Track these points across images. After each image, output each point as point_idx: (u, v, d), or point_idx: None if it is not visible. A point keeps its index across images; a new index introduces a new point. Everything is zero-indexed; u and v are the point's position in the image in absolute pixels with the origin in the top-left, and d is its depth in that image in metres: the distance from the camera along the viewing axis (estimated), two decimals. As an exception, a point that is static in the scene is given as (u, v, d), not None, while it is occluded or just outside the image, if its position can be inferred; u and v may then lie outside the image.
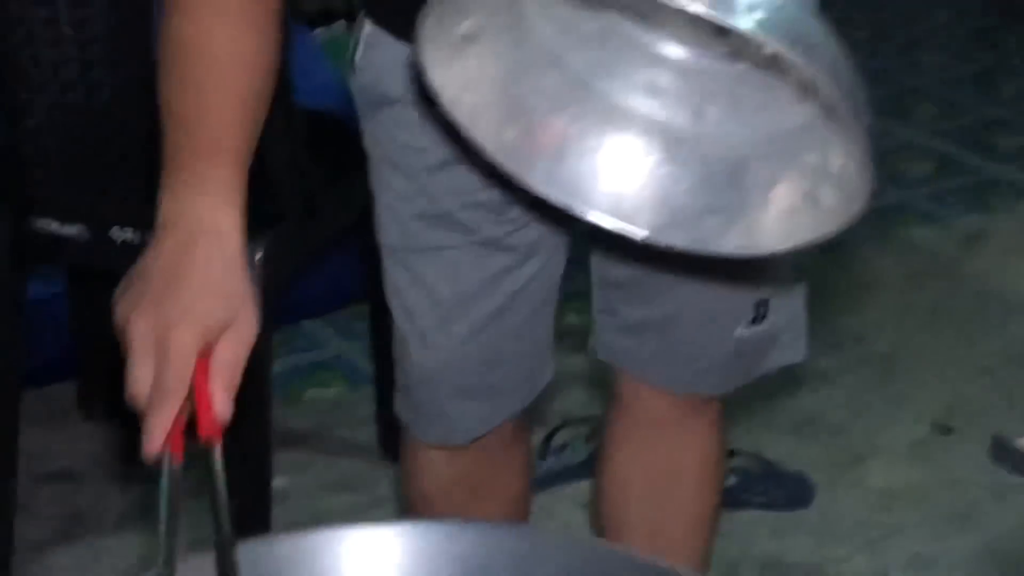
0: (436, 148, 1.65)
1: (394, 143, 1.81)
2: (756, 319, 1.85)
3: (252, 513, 2.37)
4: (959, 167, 3.87)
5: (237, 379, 1.26)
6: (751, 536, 2.64)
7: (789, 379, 2.64)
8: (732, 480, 2.69)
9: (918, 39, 4.65)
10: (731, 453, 2.63)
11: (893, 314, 3.24)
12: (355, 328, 2.98)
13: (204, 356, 1.23)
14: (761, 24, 1.12)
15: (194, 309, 1.26)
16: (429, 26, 1.26)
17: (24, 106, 2.40)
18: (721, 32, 1.31)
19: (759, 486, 2.78)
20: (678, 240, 1.40)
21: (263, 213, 2.08)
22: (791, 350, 1.92)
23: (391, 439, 2.27)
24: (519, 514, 2.05)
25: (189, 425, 1.20)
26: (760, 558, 2.59)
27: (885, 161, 3.56)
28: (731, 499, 2.55)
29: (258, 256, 2.24)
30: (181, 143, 1.40)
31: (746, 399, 2.43)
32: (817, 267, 2.21)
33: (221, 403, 1.21)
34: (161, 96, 1.44)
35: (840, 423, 2.87)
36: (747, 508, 2.75)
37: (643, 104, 1.42)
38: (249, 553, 1.19)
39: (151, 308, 1.24)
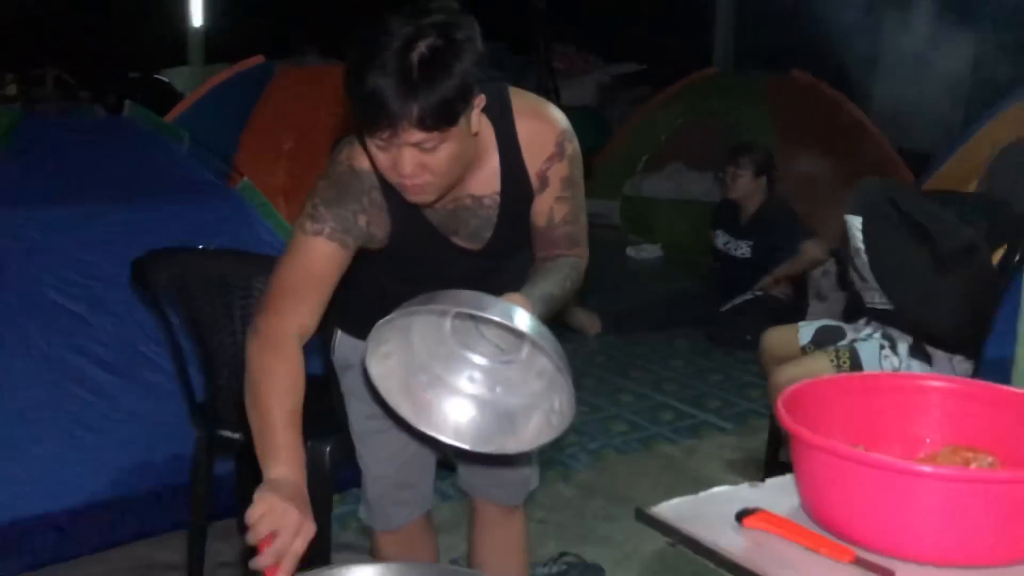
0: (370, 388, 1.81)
1: (353, 385, 2.12)
2: (528, 463, 2.25)
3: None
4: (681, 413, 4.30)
5: (297, 559, 1.49)
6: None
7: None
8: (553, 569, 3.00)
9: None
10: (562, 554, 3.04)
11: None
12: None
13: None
14: (533, 330, 1.57)
15: (294, 517, 1.50)
16: (370, 348, 1.67)
17: (217, 375, 2.69)
18: (504, 352, 1.76)
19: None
20: (484, 448, 1.77)
21: (330, 426, 2.42)
22: (534, 482, 2.30)
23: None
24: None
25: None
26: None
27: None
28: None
29: (329, 449, 2.55)
30: (270, 441, 1.60)
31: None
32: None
33: (288, 570, 1.47)
34: (251, 403, 1.64)
35: None
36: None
37: (467, 385, 1.80)
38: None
39: (277, 513, 1.49)
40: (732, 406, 4.45)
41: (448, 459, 2.31)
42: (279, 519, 1.46)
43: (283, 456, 1.56)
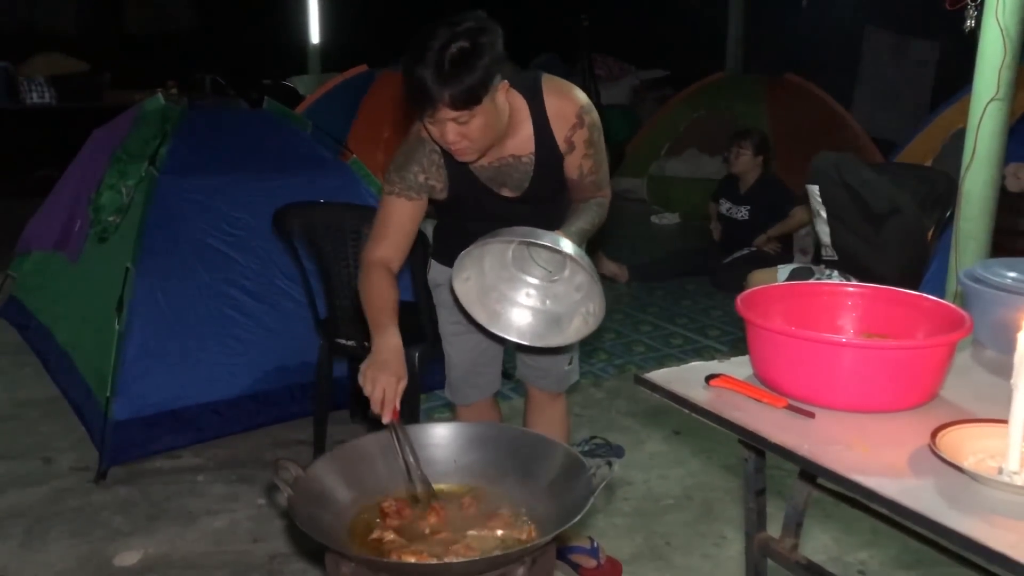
0: (455, 302, 1.89)
1: (441, 299, 2.18)
2: (569, 363, 2.26)
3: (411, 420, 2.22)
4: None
5: (396, 401, 1.58)
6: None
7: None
8: (586, 447, 3.02)
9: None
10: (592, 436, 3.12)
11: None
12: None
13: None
14: (575, 253, 1.64)
15: (389, 373, 1.61)
16: (455, 274, 1.76)
17: (335, 297, 2.73)
18: (551, 274, 1.80)
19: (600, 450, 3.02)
20: (539, 343, 1.84)
21: (418, 337, 2.50)
22: (574, 377, 2.31)
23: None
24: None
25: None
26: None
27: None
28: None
29: (416, 355, 2.63)
30: (372, 324, 1.73)
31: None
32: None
33: (392, 409, 1.57)
34: (362, 306, 1.78)
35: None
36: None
37: (525, 299, 1.86)
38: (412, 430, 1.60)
39: (375, 371, 1.61)
40: (728, 335, 4.43)
41: (507, 370, 2.35)
42: (379, 378, 1.58)
43: (382, 326, 1.68)
